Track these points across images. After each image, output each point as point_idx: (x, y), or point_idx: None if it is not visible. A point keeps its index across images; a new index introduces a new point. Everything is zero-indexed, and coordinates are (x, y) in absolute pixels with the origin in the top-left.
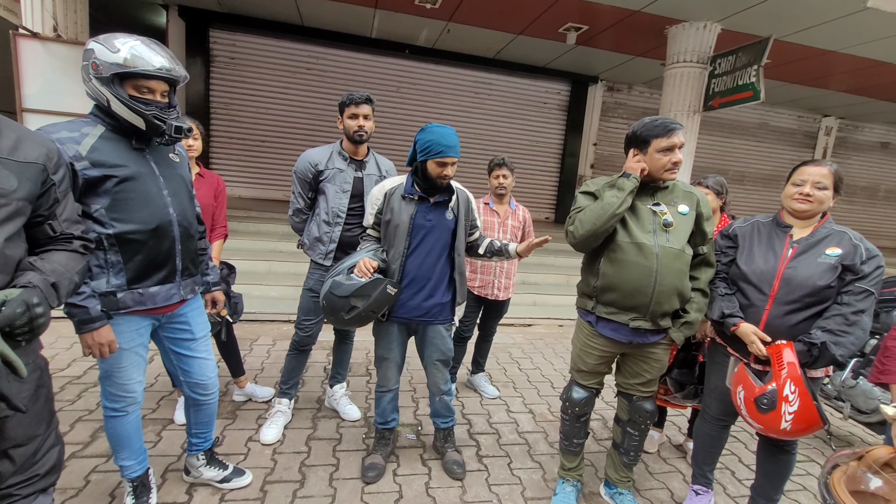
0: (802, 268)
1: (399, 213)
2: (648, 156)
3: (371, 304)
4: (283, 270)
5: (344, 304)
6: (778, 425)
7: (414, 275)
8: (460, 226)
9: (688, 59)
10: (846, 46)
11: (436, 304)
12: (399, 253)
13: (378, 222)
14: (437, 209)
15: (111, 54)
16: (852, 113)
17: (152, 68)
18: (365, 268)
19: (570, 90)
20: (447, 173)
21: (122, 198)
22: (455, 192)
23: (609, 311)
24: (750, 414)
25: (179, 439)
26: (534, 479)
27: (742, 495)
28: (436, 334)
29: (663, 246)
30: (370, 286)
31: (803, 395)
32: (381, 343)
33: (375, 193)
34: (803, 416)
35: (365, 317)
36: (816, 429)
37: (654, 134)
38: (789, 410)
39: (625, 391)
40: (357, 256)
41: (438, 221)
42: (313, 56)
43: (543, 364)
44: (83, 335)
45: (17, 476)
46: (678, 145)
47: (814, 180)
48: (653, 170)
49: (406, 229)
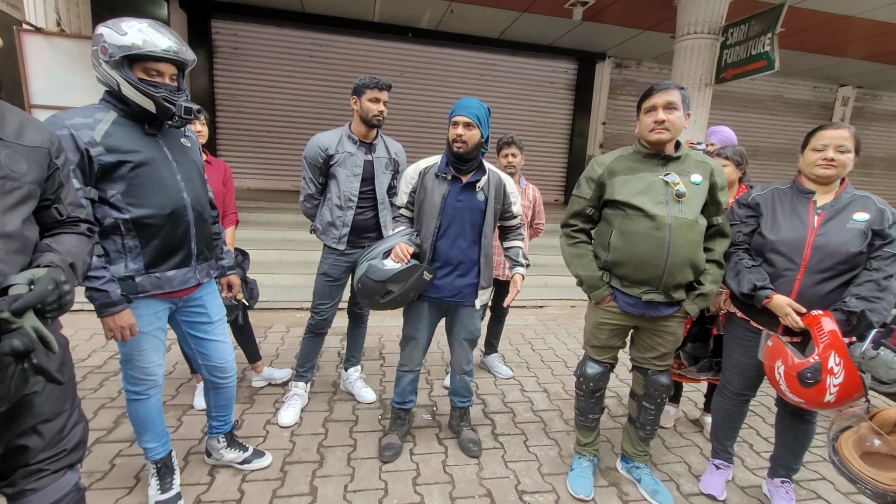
0: (833, 234)
1: (432, 192)
2: (640, 120)
3: (407, 289)
4: (293, 259)
5: (380, 288)
6: (822, 398)
7: (446, 255)
8: (489, 207)
9: (699, 31)
10: (864, 11)
11: (467, 285)
12: (430, 233)
13: (412, 201)
14: (468, 190)
15: (119, 37)
16: (870, 81)
17: (160, 50)
18: (402, 253)
19: (576, 69)
20: (459, 132)
21: (137, 183)
22: (486, 173)
23: (622, 284)
24: (791, 389)
25: (200, 423)
26: (550, 456)
27: (760, 467)
28: (466, 314)
29: (676, 216)
30: (407, 272)
31: (848, 365)
32: (411, 322)
33: (410, 172)
34: (848, 386)
35: (400, 301)
36: (858, 398)
37: (642, 98)
38: (834, 383)
39: (640, 365)
40: (392, 240)
41: (469, 202)
42: (316, 43)
43: (556, 344)
44: (105, 319)
45: (46, 451)
46: (660, 105)
47: (836, 144)
48: (642, 132)
49: (438, 209)
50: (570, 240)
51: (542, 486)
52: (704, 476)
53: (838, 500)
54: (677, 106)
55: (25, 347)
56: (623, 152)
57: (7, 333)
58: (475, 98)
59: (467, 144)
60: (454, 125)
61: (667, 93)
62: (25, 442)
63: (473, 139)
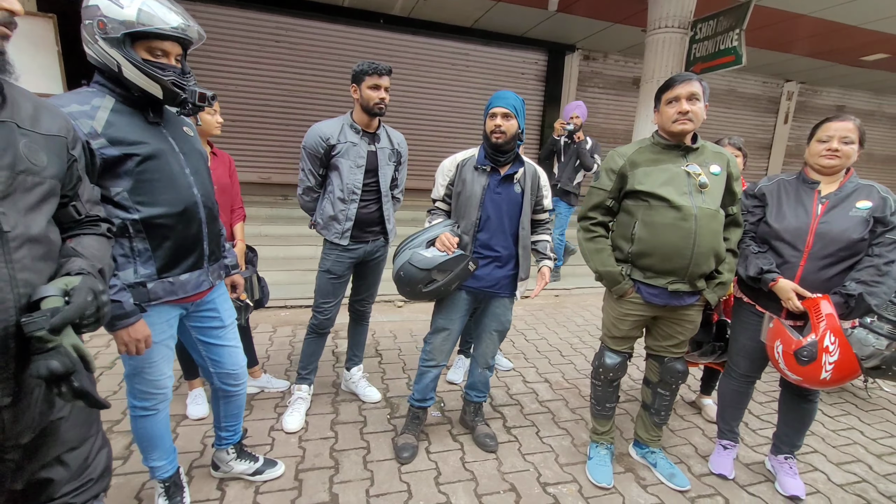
0: (835, 222)
1: (471, 185)
2: (660, 112)
3: (451, 279)
4: (271, 255)
5: (425, 276)
6: (818, 376)
7: (486, 246)
8: (526, 199)
9: (669, 25)
10: (816, 10)
11: (504, 276)
12: (471, 224)
13: (449, 193)
14: (506, 183)
15: (119, 10)
16: (812, 77)
17: (168, 28)
18: (448, 242)
19: (546, 60)
20: (497, 123)
21: (145, 179)
22: (524, 165)
23: (646, 275)
24: (789, 367)
25: (198, 435)
26: (564, 446)
27: (759, 444)
28: (500, 304)
29: (700, 207)
30: (453, 261)
31: (843, 345)
32: (445, 313)
33: (447, 165)
34: (843, 365)
35: (444, 291)
36: (854, 377)
37: (661, 90)
38: (829, 361)
39: (656, 353)
40: (435, 230)
41: (507, 194)
42: (282, 27)
43: (548, 334)
44: (118, 332)
45: (72, 483)
46: (683, 95)
47: (840, 135)
48: (664, 124)
49: (478, 201)
50: (589, 234)
51: (563, 477)
52: (713, 457)
53: (832, 470)
54: (699, 97)
55: (66, 369)
56: (642, 143)
57: (42, 354)
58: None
59: (506, 135)
60: (492, 116)
61: (689, 84)
62: (49, 475)
63: (511, 129)
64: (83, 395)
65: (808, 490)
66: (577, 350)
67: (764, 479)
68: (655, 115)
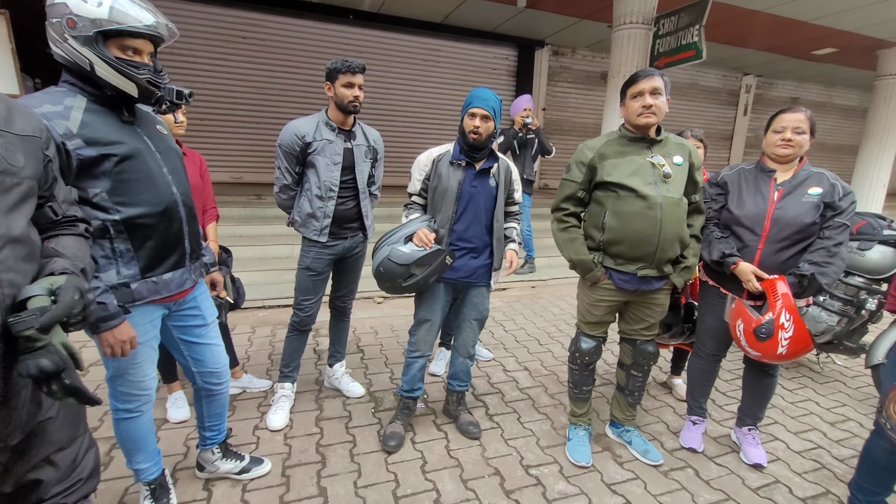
0: (790, 208)
1: (447, 179)
2: (626, 105)
3: (430, 273)
4: (247, 256)
5: (404, 271)
6: (775, 350)
7: (462, 239)
8: (500, 192)
9: (633, 21)
10: (770, 6)
11: (480, 266)
12: (447, 217)
13: (425, 188)
14: (481, 177)
15: (91, 7)
16: (769, 71)
17: (142, 26)
18: (426, 238)
19: (517, 55)
20: (476, 124)
21: (124, 179)
22: (498, 160)
23: (617, 262)
24: (749, 344)
25: (180, 437)
26: (544, 430)
27: (725, 419)
28: (478, 294)
29: (665, 196)
30: (431, 256)
31: (797, 321)
32: (426, 305)
33: (423, 160)
34: (797, 340)
35: (422, 284)
36: (808, 351)
37: (626, 85)
38: (785, 336)
39: (628, 337)
40: (412, 226)
41: (483, 187)
42: (249, 24)
43: (526, 324)
44: (103, 334)
45: (62, 483)
46: (647, 90)
47: (793, 126)
48: (629, 117)
49: (455, 195)
50: (562, 224)
51: (545, 459)
52: (683, 432)
53: (790, 438)
54: (661, 91)
55: (56, 367)
56: (610, 137)
57: (31, 353)
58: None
59: (482, 136)
60: (471, 116)
61: (652, 79)
62: (39, 476)
63: (488, 130)
64: (75, 392)
65: (769, 458)
66: (554, 338)
67: (730, 451)
68: (622, 109)
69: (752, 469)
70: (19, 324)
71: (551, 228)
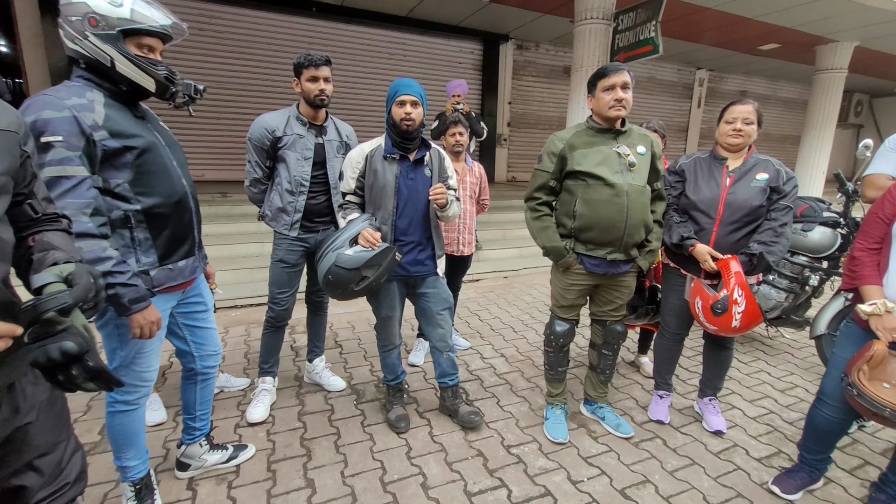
0: (740, 192)
1: (384, 174)
2: (596, 98)
3: (381, 272)
4: (215, 255)
5: (354, 276)
6: (730, 324)
7: (405, 233)
8: (435, 181)
9: (594, 16)
10: (719, 4)
11: (426, 257)
12: (389, 213)
13: (361, 186)
14: (417, 168)
15: (114, 8)
16: (719, 65)
17: (158, 25)
18: (372, 238)
19: (482, 49)
20: (407, 111)
21: (144, 171)
22: (430, 149)
23: (587, 248)
24: (707, 319)
25: (158, 440)
26: (523, 411)
27: (688, 392)
28: (433, 283)
29: (630, 184)
30: (380, 255)
31: (748, 297)
32: (384, 303)
33: (355, 157)
34: (748, 313)
35: (375, 285)
36: (758, 323)
37: (597, 76)
38: (738, 311)
39: (599, 318)
40: (354, 227)
41: (419, 178)
42: (206, 14)
43: (500, 313)
44: (134, 316)
45: (46, 489)
46: (619, 84)
47: (742, 117)
48: (600, 109)
49: (393, 189)
50: (535, 213)
51: (524, 439)
52: (651, 406)
53: (746, 406)
54: (630, 86)
55: (80, 349)
56: (578, 128)
57: (51, 337)
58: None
59: (415, 122)
60: (401, 104)
61: (623, 74)
62: (22, 482)
63: (420, 117)
64: (98, 374)
65: (728, 424)
66: (528, 325)
67: (694, 420)
68: (589, 101)
69: (713, 435)
70: (51, 300)
71: (525, 217)
